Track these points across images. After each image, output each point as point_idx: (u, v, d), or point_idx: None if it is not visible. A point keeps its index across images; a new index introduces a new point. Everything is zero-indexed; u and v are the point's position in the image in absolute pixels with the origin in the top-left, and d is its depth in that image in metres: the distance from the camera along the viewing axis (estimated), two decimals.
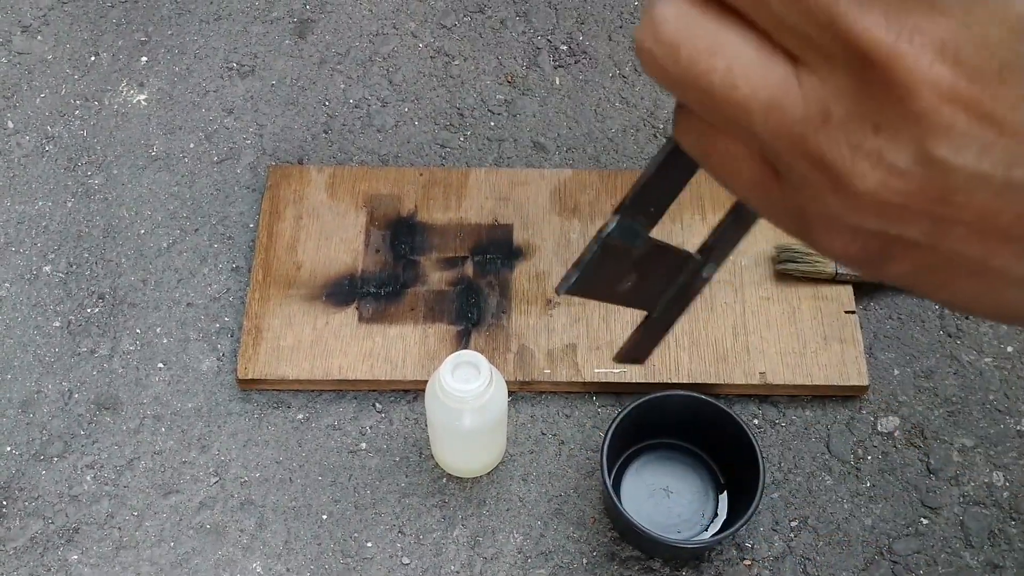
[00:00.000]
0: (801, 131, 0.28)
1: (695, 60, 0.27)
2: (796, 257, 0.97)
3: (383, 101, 1.13)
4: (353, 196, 1.03)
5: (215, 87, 1.13)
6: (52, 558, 0.88)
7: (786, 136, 0.28)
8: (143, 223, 1.04)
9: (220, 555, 0.88)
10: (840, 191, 0.28)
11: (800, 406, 0.95)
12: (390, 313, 0.96)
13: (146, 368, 0.96)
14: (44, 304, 1.00)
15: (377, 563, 0.88)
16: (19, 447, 0.93)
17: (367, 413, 0.94)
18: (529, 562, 0.88)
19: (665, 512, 0.89)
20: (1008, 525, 0.90)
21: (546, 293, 0.98)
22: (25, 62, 1.15)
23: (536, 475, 0.92)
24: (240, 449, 0.93)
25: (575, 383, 0.94)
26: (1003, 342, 0.98)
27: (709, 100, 0.28)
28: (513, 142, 1.10)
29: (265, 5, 1.19)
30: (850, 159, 0.27)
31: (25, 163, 1.08)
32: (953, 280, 0.30)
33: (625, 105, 1.13)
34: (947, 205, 0.28)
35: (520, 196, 1.03)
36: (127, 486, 0.91)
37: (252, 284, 0.98)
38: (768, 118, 0.28)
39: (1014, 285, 0.30)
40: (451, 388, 0.79)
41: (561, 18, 1.19)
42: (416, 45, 1.17)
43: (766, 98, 0.27)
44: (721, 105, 0.28)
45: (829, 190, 0.28)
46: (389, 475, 0.92)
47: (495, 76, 1.15)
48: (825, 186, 0.28)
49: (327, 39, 1.17)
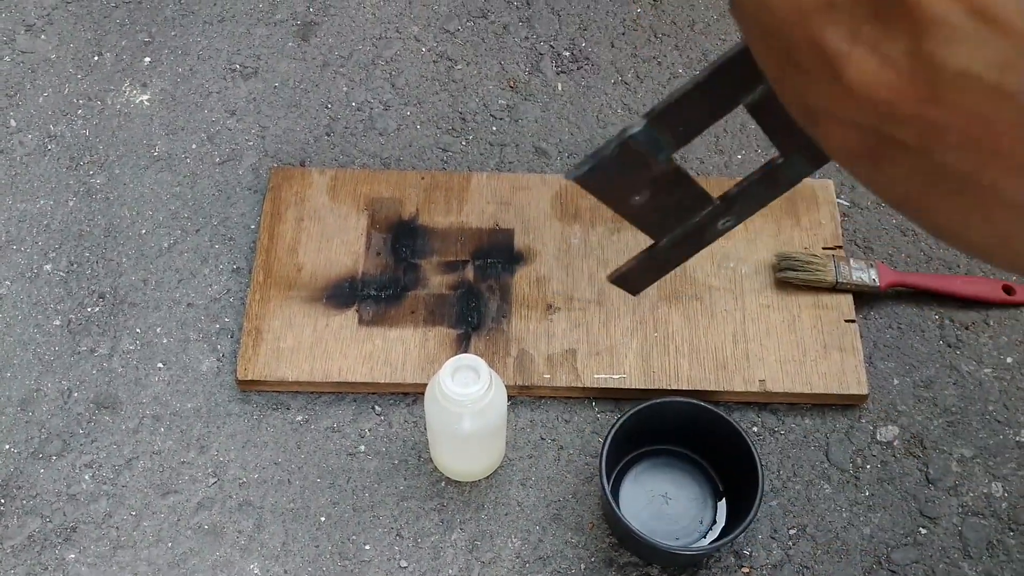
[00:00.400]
0: (808, 16, 0.30)
1: None
2: (796, 265, 0.97)
3: (385, 104, 1.13)
4: (354, 199, 1.03)
5: (218, 88, 1.13)
6: (49, 557, 0.88)
7: (797, 21, 0.30)
8: (144, 223, 1.04)
9: (218, 556, 0.88)
10: (838, 81, 0.30)
11: (799, 414, 0.95)
12: (390, 316, 0.96)
13: (146, 368, 0.96)
14: (44, 303, 1.00)
15: (375, 566, 0.87)
16: (18, 445, 0.93)
17: (366, 416, 0.94)
18: (527, 567, 0.88)
19: (663, 518, 0.88)
20: (1007, 536, 0.90)
21: (546, 298, 0.98)
22: (28, 61, 1.15)
23: (535, 480, 0.92)
24: (239, 450, 0.93)
25: (574, 388, 0.94)
26: (1003, 353, 0.98)
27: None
28: (515, 147, 1.10)
29: (269, 7, 1.19)
30: (848, 44, 0.29)
31: (27, 162, 1.08)
32: (945, 198, 0.31)
33: (627, 111, 1.13)
34: (937, 106, 0.28)
35: (521, 201, 1.03)
36: (125, 486, 0.91)
37: (252, 285, 0.98)
38: (783, 3, 0.30)
39: (1005, 207, 0.30)
40: (451, 392, 0.79)
41: (564, 24, 1.19)
42: (419, 49, 1.17)
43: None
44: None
45: (828, 79, 0.30)
46: (388, 478, 0.91)
47: (497, 81, 1.15)
48: (825, 75, 0.30)
49: (330, 42, 1.17)
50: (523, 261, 1.00)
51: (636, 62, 1.16)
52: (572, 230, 1.02)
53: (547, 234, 1.02)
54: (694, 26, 1.19)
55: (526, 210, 1.03)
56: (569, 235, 1.02)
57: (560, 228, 1.02)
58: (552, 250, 1.01)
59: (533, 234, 1.02)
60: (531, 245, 1.01)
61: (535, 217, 1.02)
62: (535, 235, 1.01)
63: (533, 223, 1.02)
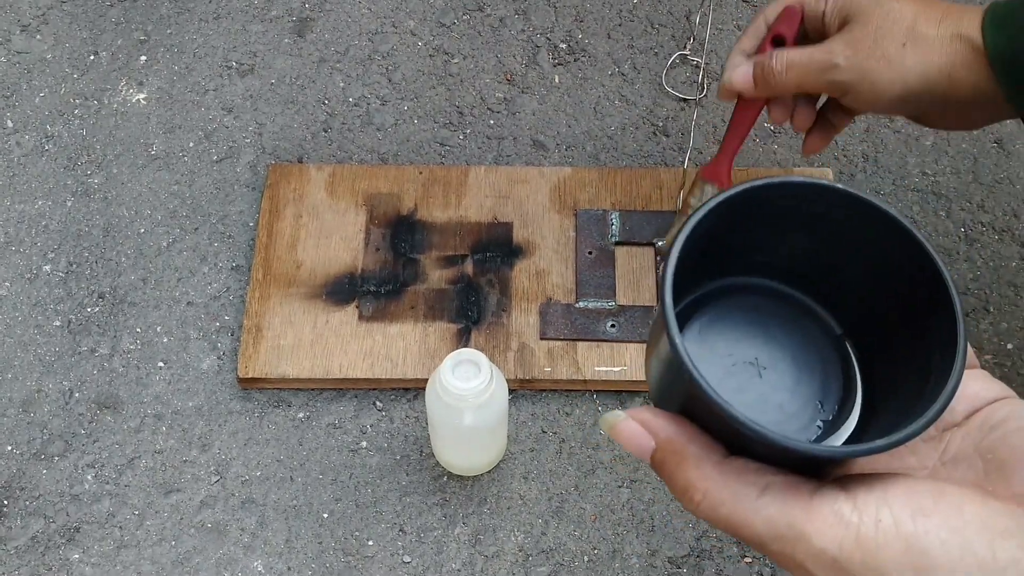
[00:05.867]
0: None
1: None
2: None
3: (382, 99, 1.13)
4: (353, 194, 1.03)
5: (214, 86, 1.13)
6: (53, 557, 0.88)
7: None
8: (143, 222, 1.04)
9: (221, 554, 0.88)
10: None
11: None
12: (390, 311, 0.96)
13: (146, 367, 0.96)
14: (44, 303, 1.00)
15: (378, 561, 0.88)
16: (20, 446, 0.93)
17: (367, 412, 0.94)
18: (530, 560, 0.88)
19: (755, 399, 0.46)
20: None
21: (546, 291, 0.98)
22: (24, 61, 1.15)
23: (537, 473, 0.92)
24: (241, 448, 0.93)
25: (575, 381, 0.94)
26: (1003, 339, 0.98)
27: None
28: (512, 140, 1.10)
29: (264, 4, 1.19)
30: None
31: (25, 162, 1.08)
32: None
33: (624, 103, 1.13)
34: None
35: (520, 194, 1.03)
36: (128, 485, 0.91)
37: (252, 283, 0.98)
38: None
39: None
40: (452, 386, 0.79)
41: (560, 16, 1.19)
42: (415, 43, 1.17)
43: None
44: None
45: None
46: (390, 473, 0.92)
47: (494, 74, 1.15)
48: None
49: (326, 37, 1.17)
50: (522, 254, 1.00)
51: (633, 53, 1.16)
52: (571, 222, 1.02)
53: (546, 227, 1.01)
54: (690, 16, 1.19)
55: (524, 203, 1.03)
56: (568, 227, 1.01)
57: (559, 220, 1.02)
58: (551, 243, 1.00)
59: (532, 227, 1.01)
60: (530, 238, 1.01)
61: (533, 210, 1.02)
62: (534, 228, 1.01)
63: (532, 216, 1.02)
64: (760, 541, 0.37)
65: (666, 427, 0.39)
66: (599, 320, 0.96)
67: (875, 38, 0.75)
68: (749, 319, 0.48)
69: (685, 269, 0.41)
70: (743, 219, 0.44)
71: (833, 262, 0.46)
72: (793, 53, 0.79)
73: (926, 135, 1.11)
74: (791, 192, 0.43)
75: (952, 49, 0.74)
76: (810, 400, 0.46)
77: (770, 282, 0.48)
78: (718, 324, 0.48)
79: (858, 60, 0.76)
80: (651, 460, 0.40)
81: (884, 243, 0.43)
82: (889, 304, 0.44)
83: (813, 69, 0.77)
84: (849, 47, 0.76)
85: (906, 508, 0.35)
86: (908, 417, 0.38)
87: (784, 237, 0.46)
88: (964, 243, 1.04)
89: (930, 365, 0.40)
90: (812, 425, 0.46)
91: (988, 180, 1.08)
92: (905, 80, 0.75)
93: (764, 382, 0.47)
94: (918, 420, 0.37)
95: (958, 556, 0.34)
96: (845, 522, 0.35)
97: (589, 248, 1.00)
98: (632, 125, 1.11)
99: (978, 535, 0.34)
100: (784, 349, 0.48)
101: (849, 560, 0.35)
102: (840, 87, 0.78)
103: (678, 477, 0.38)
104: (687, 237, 0.41)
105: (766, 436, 0.37)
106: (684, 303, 0.47)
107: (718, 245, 0.44)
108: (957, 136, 1.11)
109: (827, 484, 0.37)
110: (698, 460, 0.38)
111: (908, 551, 0.34)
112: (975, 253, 1.03)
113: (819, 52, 0.77)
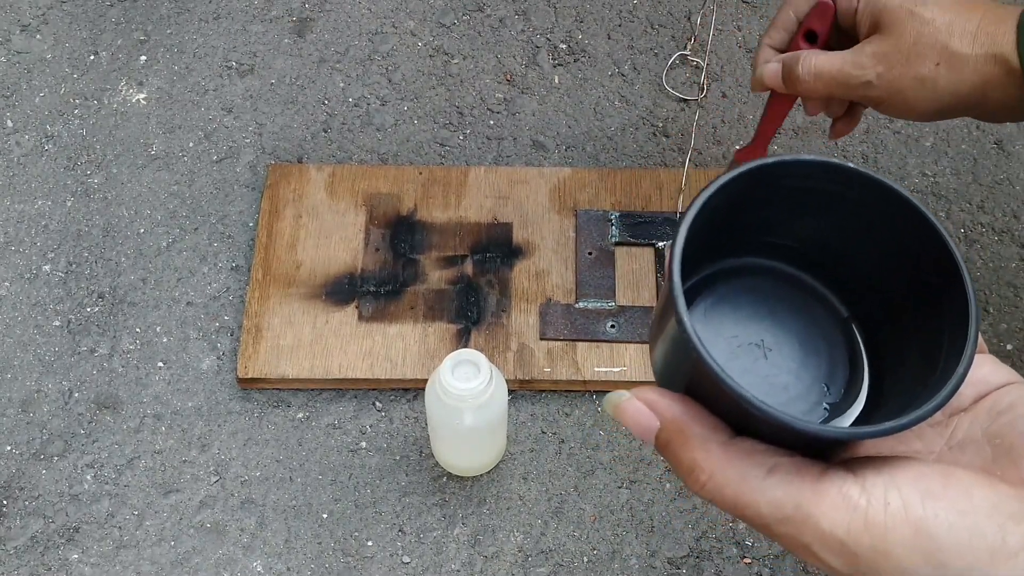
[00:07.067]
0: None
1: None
2: None
3: (382, 100, 1.13)
4: (353, 195, 1.03)
5: (214, 86, 1.13)
6: (52, 557, 0.88)
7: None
8: (142, 222, 1.04)
9: (221, 554, 0.88)
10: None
11: None
12: (390, 312, 0.96)
13: (146, 367, 0.96)
14: (44, 303, 1.00)
15: (377, 562, 0.88)
16: (19, 446, 0.93)
17: (367, 412, 0.94)
18: (529, 560, 0.88)
19: (760, 381, 0.46)
20: None
21: (546, 291, 0.98)
22: (24, 61, 1.15)
23: (536, 474, 0.92)
24: (240, 448, 0.93)
25: (575, 382, 0.94)
26: (1003, 340, 0.98)
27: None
28: (512, 140, 1.10)
29: (264, 4, 1.19)
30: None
31: (24, 162, 1.08)
32: None
33: (624, 103, 1.13)
34: None
35: (519, 194, 1.03)
36: (127, 485, 0.91)
37: (252, 283, 0.98)
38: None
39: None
40: (451, 387, 0.79)
41: (560, 16, 1.19)
42: (415, 44, 1.17)
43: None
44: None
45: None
46: (389, 474, 0.92)
47: (494, 75, 1.15)
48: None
49: (326, 38, 1.17)
50: (522, 255, 1.00)
51: (633, 53, 1.16)
52: (570, 223, 1.02)
53: (545, 227, 1.01)
54: (690, 16, 1.19)
55: (524, 204, 1.03)
56: (567, 228, 1.01)
57: (559, 221, 1.02)
58: (551, 243, 1.00)
59: (532, 227, 1.01)
60: (530, 238, 1.01)
61: (533, 210, 1.02)
62: (534, 228, 1.01)
63: (531, 216, 1.02)
64: (765, 523, 0.36)
65: (671, 407, 0.38)
66: (599, 321, 0.96)
67: (908, 56, 0.74)
68: (755, 300, 0.47)
69: (694, 246, 0.40)
70: (754, 197, 0.43)
71: (843, 244, 0.45)
72: (822, 61, 0.78)
73: (926, 136, 1.11)
74: (804, 171, 0.42)
75: (987, 70, 0.73)
76: (816, 383, 0.46)
77: (777, 263, 0.47)
78: (724, 305, 0.47)
79: (891, 78, 0.75)
80: (656, 441, 0.39)
81: (897, 225, 0.42)
82: (899, 288, 0.43)
83: (842, 82, 0.77)
84: (881, 63, 0.75)
85: (915, 491, 0.35)
86: (915, 401, 0.38)
87: (794, 217, 0.45)
88: (964, 244, 1.04)
89: (938, 350, 0.40)
90: (818, 408, 0.45)
91: (988, 181, 1.08)
92: (939, 99, 0.75)
93: (769, 364, 0.46)
94: (928, 402, 0.37)
95: (967, 540, 0.33)
96: (853, 505, 0.35)
97: (589, 249, 1.00)
98: (632, 126, 1.11)
99: (988, 519, 0.34)
100: (790, 331, 0.47)
101: (857, 543, 0.34)
102: (872, 100, 0.78)
103: (683, 457, 0.38)
104: (697, 212, 0.40)
105: (773, 415, 0.36)
106: (691, 282, 0.46)
107: (727, 223, 0.43)
108: (957, 137, 1.11)
109: (834, 466, 0.37)
110: (704, 440, 0.37)
111: (917, 534, 0.34)
112: (975, 254, 1.03)
113: (849, 66, 0.77)
